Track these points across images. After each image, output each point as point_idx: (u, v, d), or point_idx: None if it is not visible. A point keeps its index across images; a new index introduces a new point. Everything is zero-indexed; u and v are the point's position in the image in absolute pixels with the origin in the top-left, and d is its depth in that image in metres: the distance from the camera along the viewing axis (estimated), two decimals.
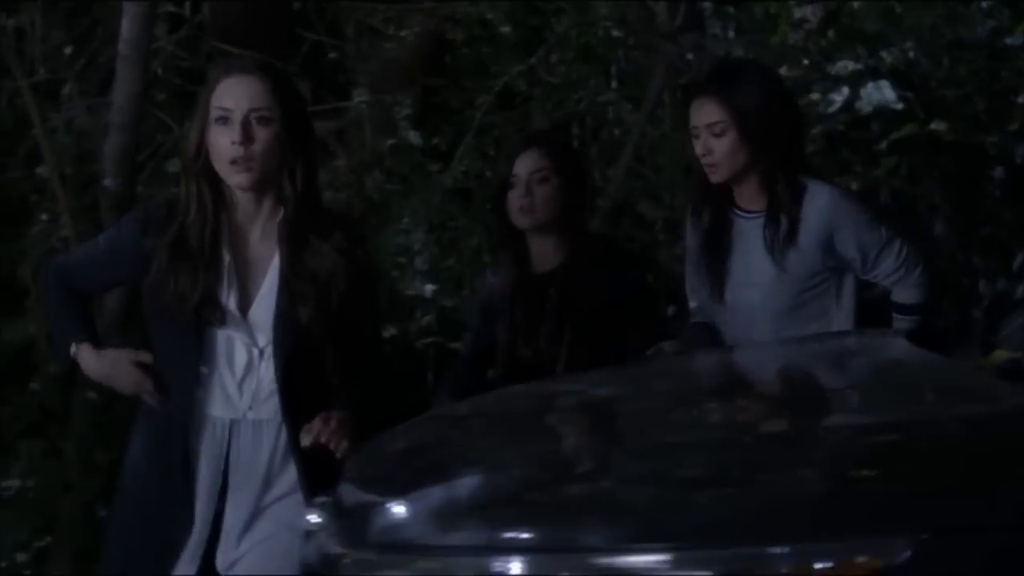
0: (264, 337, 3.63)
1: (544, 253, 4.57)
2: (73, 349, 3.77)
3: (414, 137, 6.10)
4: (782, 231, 4.31)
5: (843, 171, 7.73)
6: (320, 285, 3.60)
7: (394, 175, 6.02)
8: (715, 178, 4.32)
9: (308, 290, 3.59)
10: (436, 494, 2.89)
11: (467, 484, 2.92)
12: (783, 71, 7.74)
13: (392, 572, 2.78)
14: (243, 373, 3.64)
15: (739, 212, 4.41)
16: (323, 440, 3.48)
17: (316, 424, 3.49)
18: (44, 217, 5.93)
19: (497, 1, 6.48)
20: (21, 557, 5.15)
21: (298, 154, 3.58)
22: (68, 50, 6.50)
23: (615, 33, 6.70)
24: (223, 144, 3.54)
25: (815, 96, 7.90)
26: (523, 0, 6.52)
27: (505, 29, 6.45)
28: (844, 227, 4.32)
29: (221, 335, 3.63)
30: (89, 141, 6.13)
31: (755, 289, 4.38)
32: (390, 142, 6.04)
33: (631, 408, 3.40)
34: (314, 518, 3.18)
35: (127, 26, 5.68)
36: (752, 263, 4.38)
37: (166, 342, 3.68)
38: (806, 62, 7.86)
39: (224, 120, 3.55)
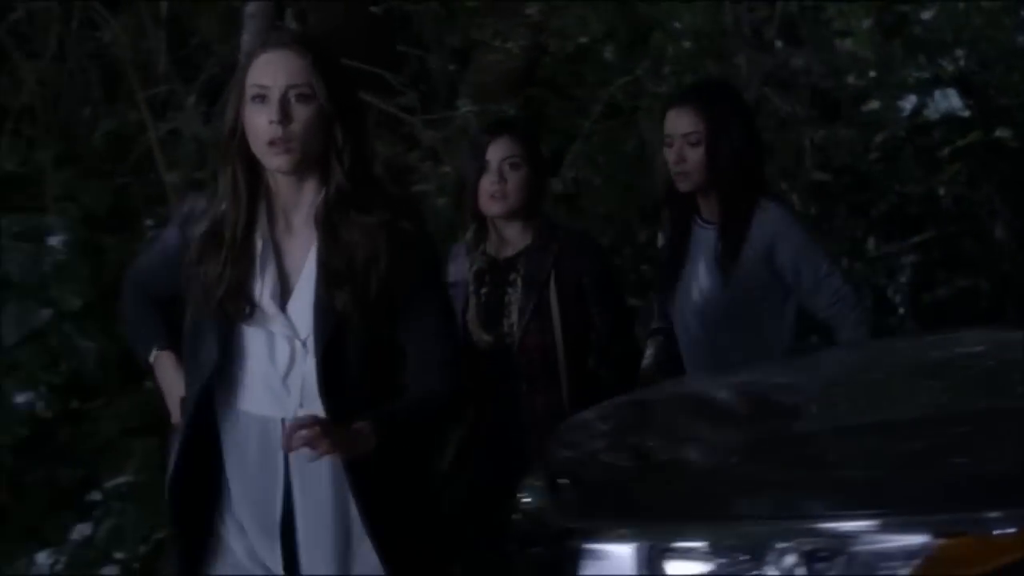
0: (305, 328, 3.26)
1: (508, 239, 4.51)
2: (153, 356, 3.53)
3: None
4: (729, 243, 4.49)
5: (904, 177, 7.80)
6: (357, 266, 3.22)
7: None
8: (684, 186, 4.51)
9: (343, 272, 3.21)
10: (670, 469, 3.27)
11: (697, 460, 3.33)
12: (849, 79, 7.89)
13: (632, 543, 3.02)
14: (286, 368, 3.27)
15: (700, 222, 4.60)
16: (294, 446, 3.11)
17: (290, 427, 3.11)
18: (149, 222, 6.10)
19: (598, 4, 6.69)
20: (143, 549, 5.37)
21: (345, 133, 3.21)
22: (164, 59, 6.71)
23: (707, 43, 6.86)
24: (260, 124, 3.17)
25: (874, 105, 8.02)
26: (625, 12, 6.68)
27: (605, 48, 6.64)
28: (784, 243, 4.47)
29: (258, 330, 3.27)
30: (203, 149, 6.35)
31: (697, 294, 4.58)
32: None
33: (819, 394, 3.66)
34: (526, 496, 3.46)
35: (248, 39, 5.89)
36: (699, 269, 4.57)
37: (197, 343, 3.33)
38: (872, 73, 7.94)
39: (261, 98, 3.18)
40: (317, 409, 3.20)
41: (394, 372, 3.31)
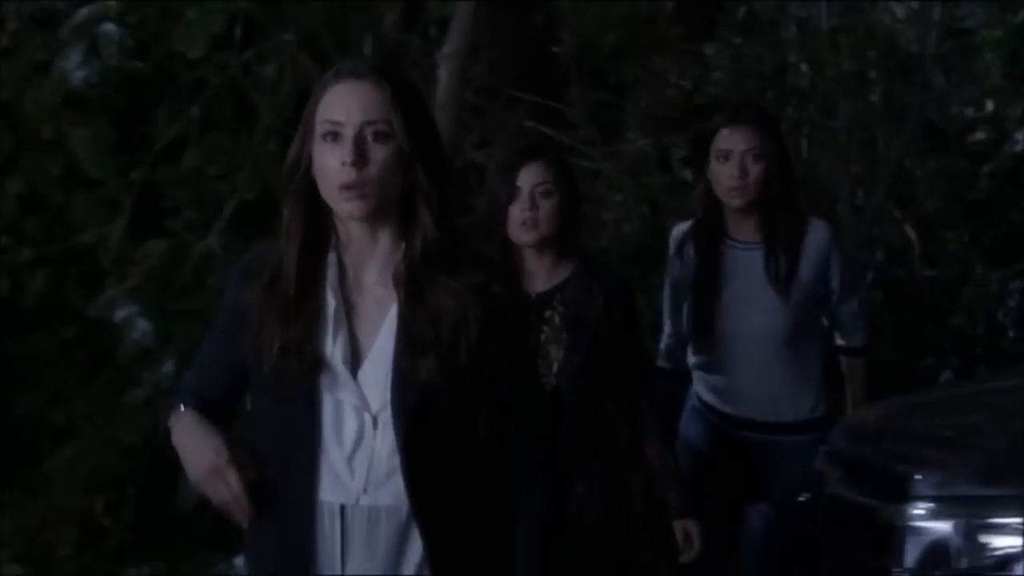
0: (378, 400, 2.81)
1: (540, 272, 4.20)
2: (181, 408, 2.94)
3: (688, 175, 6.78)
4: (784, 262, 4.57)
5: (1008, 205, 8.20)
6: (445, 330, 2.81)
7: (665, 211, 6.68)
8: (737, 202, 4.57)
9: (428, 337, 2.80)
10: (976, 453, 4.02)
11: (997, 446, 4.04)
12: (967, 112, 8.39)
13: (950, 519, 3.78)
14: (353, 446, 2.82)
15: (734, 243, 4.65)
16: None
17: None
18: None
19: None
20: None
21: (430, 177, 2.83)
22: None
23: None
24: (331, 165, 2.79)
25: (980, 136, 8.48)
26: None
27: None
28: (836, 260, 4.64)
29: (326, 399, 2.83)
30: None
31: (759, 316, 4.59)
32: (665, 179, 6.76)
33: None
34: (825, 463, 4.27)
35: (444, 81, 6.43)
36: (752, 292, 4.60)
37: (267, 417, 2.89)
38: (990, 106, 8.36)
39: (333, 136, 2.80)
40: (384, 495, 2.82)
41: (477, 449, 2.89)
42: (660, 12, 7.04)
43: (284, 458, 2.85)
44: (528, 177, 4.16)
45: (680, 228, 4.79)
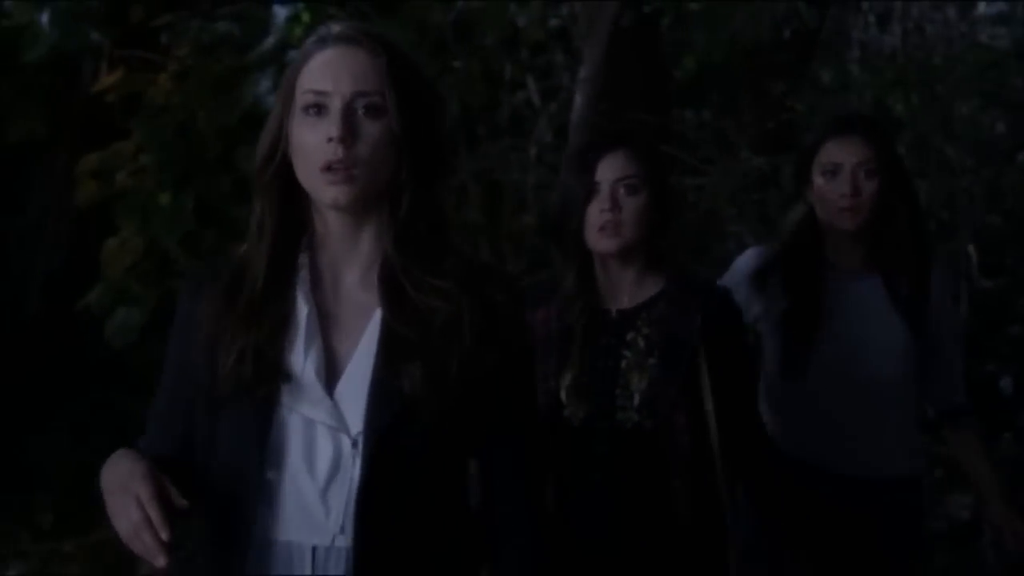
0: (358, 420, 2.38)
1: (624, 285, 3.50)
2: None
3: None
4: (917, 293, 3.92)
5: None
6: (433, 336, 2.39)
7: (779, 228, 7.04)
8: (850, 224, 3.88)
9: (414, 342, 2.38)
10: None
11: None
12: None
13: None
14: (328, 476, 2.38)
15: (842, 272, 3.96)
16: None
17: None
18: None
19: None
20: None
21: (422, 163, 2.42)
22: None
23: None
24: (314, 142, 2.38)
25: None
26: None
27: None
28: (953, 301, 4.10)
29: (294, 419, 2.39)
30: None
31: (882, 358, 3.90)
32: (779, 196, 7.20)
33: None
34: None
35: (580, 103, 6.89)
36: (873, 330, 3.92)
37: (215, 441, 2.43)
38: None
39: (317, 109, 2.38)
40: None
41: (456, 486, 2.47)
42: (777, 37, 7.48)
43: (232, 488, 2.39)
44: (608, 170, 3.43)
45: (754, 255, 4.03)
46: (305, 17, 5.76)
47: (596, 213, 3.46)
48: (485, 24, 7.19)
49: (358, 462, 2.38)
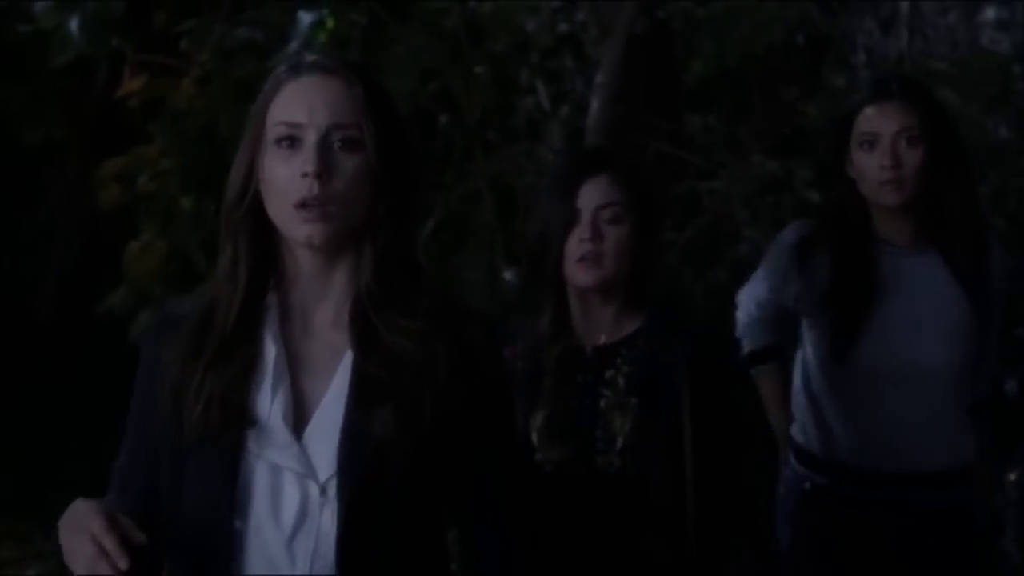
0: (326, 466, 2.29)
1: (603, 321, 3.19)
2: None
3: (814, 197, 7.28)
4: (977, 268, 3.63)
5: None
6: (405, 379, 2.30)
7: None
8: (894, 199, 3.56)
9: (385, 384, 2.29)
10: None
11: None
12: None
13: None
14: (295, 524, 2.30)
15: (893, 248, 3.66)
16: None
17: None
18: None
19: None
20: None
21: (397, 199, 2.33)
22: None
23: None
24: (287, 177, 2.28)
25: None
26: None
27: None
28: (1001, 287, 3.75)
29: (260, 466, 2.30)
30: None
31: (940, 340, 3.60)
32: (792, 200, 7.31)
33: None
34: None
35: (596, 107, 6.96)
36: (930, 309, 3.61)
37: (181, 491, 2.35)
38: None
39: (291, 141, 2.29)
40: None
41: (433, 534, 2.39)
42: (789, 42, 7.58)
43: (200, 539, 2.30)
44: (590, 196, 3.16)
45: (797, 231, 3.74)
46: (329, 23, 5.82)
47: (576, 243, 3.16)
48: (496, 29, 7.26)
49: (327, 510, 2.29)
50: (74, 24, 5.68)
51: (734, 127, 7.72)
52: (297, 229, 2.30)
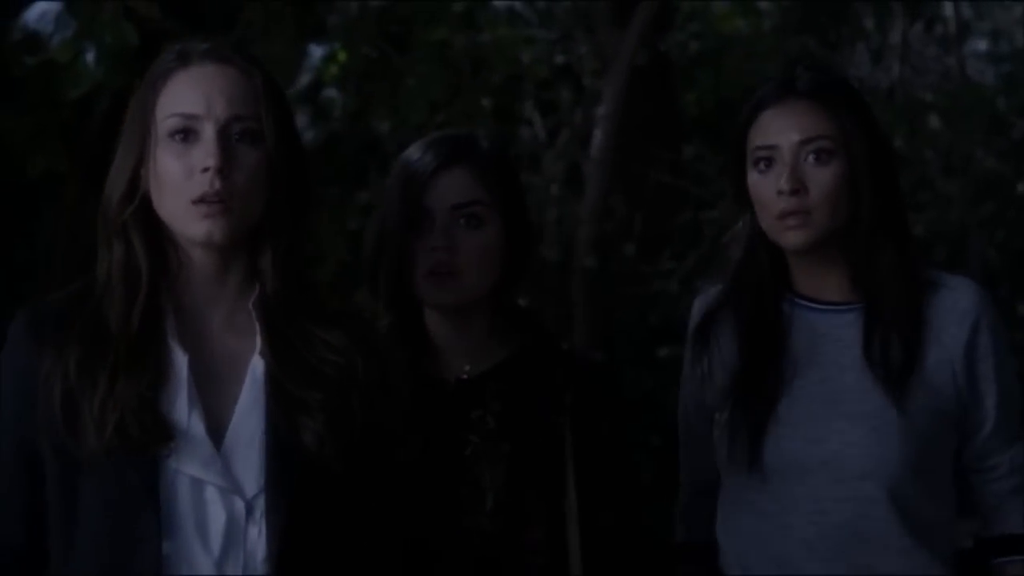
0: (252, 481, 2.15)
1: (463, 347, 2.60)
2: None
3: None
4: (896, 337, 2.58)
5: None
6: (329, 388, 2.17)
7: None
8: (795, 238, 2.56)
9: (312, 394, 2.15)
10: None
11: None
12: None
13: None
14: (223, 544, 2.14)
15: (804, 302, 2.64)
16: None
17: None
18: None
19: None
20: None
21: (294, 197, 2.20)
22: None
23: None
24: (182, 171, 2.15)
25: None
26: None
27: None
28: (986, 349, 2.62)
29: (180, 480, 2.14)
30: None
31: (852, 431, 2.56)
32: None
33: None
34: None
35: (600, 138, 7.03)
36: (839, 388, 2.60)
37: (76, 512, 2.15)
38: None
39: (184, 134, 2.16)
40: None
41: (375, 551, 2.23)
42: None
43: (110, 562, 2.12)
44: (444, 194, 2.55)
45: (702, 303, 2.74)
46: (341, 56, 5.90)
47: (425, 251, 2.54)
48: (496, 60, 7.33)
49: (253, 528, 2.14)
50: (90, 56, 5.72)
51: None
52: (195, 226, 2.16)
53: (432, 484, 2.50)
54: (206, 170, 2.13)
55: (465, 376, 2.58)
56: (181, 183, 2.14)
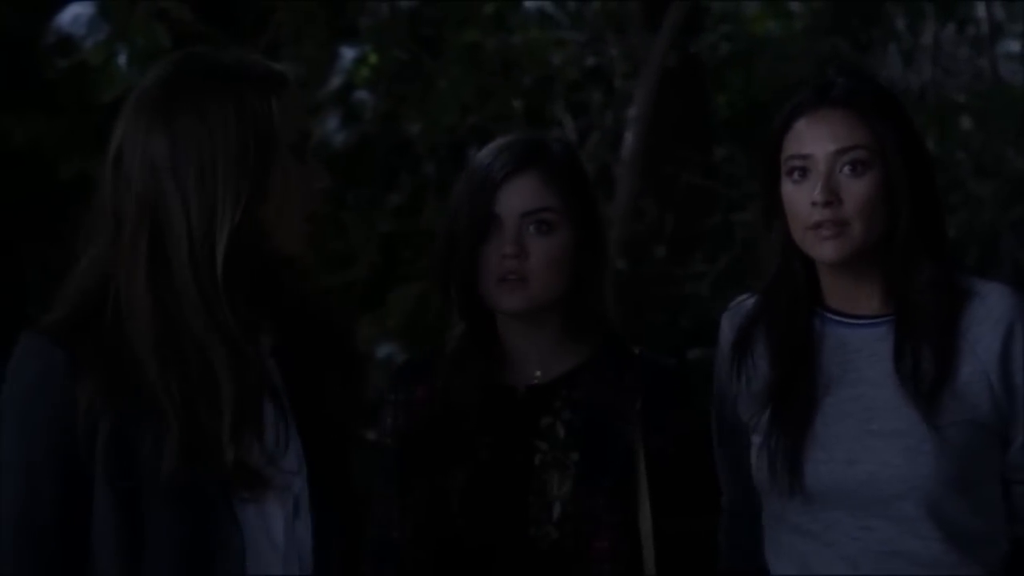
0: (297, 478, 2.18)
1: (535, 355, 2.59)
2: None
3: None
4: (928, 353, 2.52)
5: None
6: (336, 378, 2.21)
7: None
8: (829, 251, 2.49)
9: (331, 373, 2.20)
10: None
11: None
12: None
13: None
14: (284, 542, 2.17)
15: (836, 317, 2.59)
16: None
17: None
18: None
19: None
20: None
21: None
22: None
23: None
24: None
25: None
26: None
27: None
28: (1021, 358, 2.54)
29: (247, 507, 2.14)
30: None
31: (886, 446, 2.52)
32: None
33: None
34: None
35: (631, 142, 7.04)
36: (875, 403, 2.55)
37: (156, 537, 2.09)
38: None
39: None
40: None
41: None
42: (820, 76, 7.69)
43: None
44: (513, 200, 2.52)
45: (736, 310, 2.70)
46: (372, 58, 5.91)
47: (495, 258, 2.52)
48: (527, 62, 7.34)
49: (300, 524, 2.16)
50: (122, 59, 5.76)
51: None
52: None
53: (499, 491, 2.50)
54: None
55: (536, 383, 2.57)
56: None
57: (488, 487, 2.50)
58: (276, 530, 2.13)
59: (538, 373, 2.57)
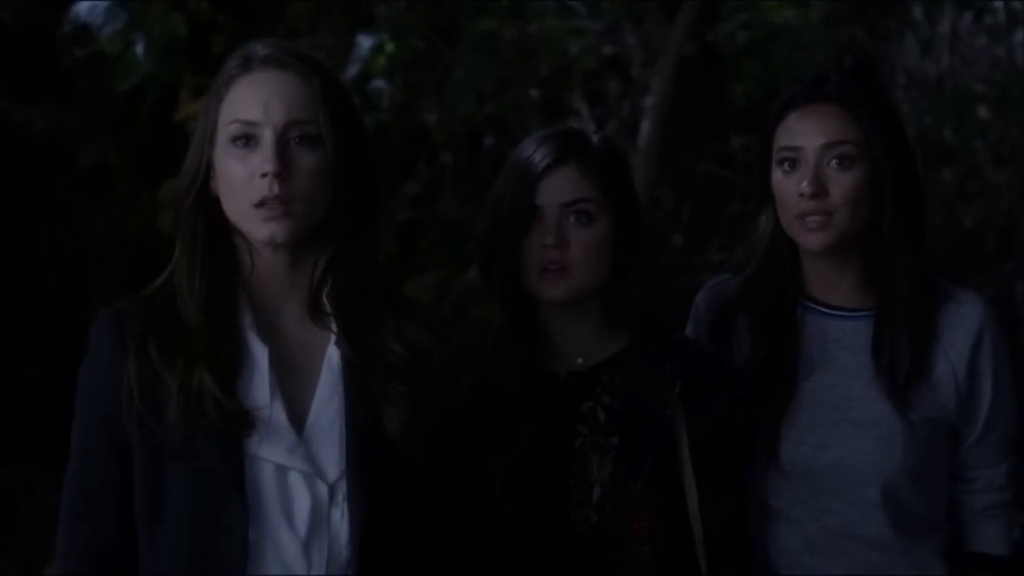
0: (334, 466, 2.23)
1: (575, 341, 2.64)
2: None
3: None
4: (906, 346, 2.65)
5: None
6: (408, 375, 2.25)
7: None
8: (815, 240, 2.61)
9: (391, 383, 2.24)
10: None
11: None
12: None
13: None
14: (309, 526, 2.22)
15: (818, 307, 2.71)
16: None
17: None
18: None
19: None
20: None
21: (360, 195, 2.26)
22: None
23: None
24: (244, 176, 2.23)
25: None
26: None
27: None
28: (987, 365, 2.70)
29: (264, 467, 2.22)
30: None
31: (859, 434, 2.65)
32: None
33: None
34: None
35: (649, 129, 7.03)
36: (851, 393, 2.67)
37: (172, 505, 2.22)
38: None
39: (246, 140, 2.23)
40: None
41: (453, 536, 2.34)
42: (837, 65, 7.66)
43: (197, 549, 2.20)
44: (554, 191, 2.60)
45: (711, 298, 2.83)
46: (389, 47, 5.91)
47: (537, 248, 2.59)
48: (545, 51, 7.34)
49: (336, 511, 2.23)
50: (139, 48, 5.77)
51: None
52: (258, 228, 2.25)
53: (541, 475, 2.56)
54: (264, 175, 2.21)
55: (575, 370, 2.63)
56: (243, 187, 2.23)
57: (530, 471, 2.57)
58: (299, 505, 2.21)
59: (580, 360, 2.64)
